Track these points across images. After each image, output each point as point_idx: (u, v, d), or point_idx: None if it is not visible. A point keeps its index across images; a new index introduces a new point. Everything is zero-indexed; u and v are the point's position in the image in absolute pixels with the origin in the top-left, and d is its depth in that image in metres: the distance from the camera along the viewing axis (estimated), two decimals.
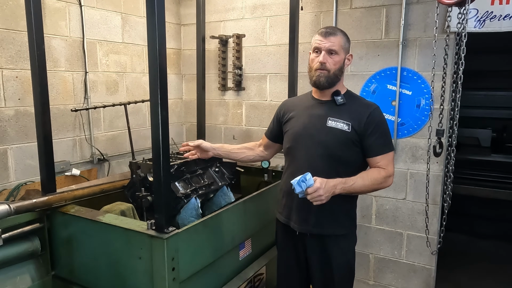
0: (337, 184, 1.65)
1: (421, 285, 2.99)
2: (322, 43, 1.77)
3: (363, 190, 1.77)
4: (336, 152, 1.78)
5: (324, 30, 1.80)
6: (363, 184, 1.73)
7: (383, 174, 1.76)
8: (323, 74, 1.78)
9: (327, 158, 1.78)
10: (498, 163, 4.64)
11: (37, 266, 1.94)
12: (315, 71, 1.80)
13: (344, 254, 1.87)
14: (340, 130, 1.77)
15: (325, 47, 1.77)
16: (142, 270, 1.68)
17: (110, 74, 3.16)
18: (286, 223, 1.94)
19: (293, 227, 1.89)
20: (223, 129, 3.74)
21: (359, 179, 1.72)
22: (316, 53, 1.81)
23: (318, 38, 1.80)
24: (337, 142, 1.77)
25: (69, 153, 2.88)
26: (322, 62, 1.77)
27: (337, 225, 1.84)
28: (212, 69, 3.67)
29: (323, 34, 1.78)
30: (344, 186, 1.67)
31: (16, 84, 2.52)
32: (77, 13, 2.85)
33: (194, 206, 2.16)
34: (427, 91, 2.77)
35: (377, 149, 1.78)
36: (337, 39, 1.78)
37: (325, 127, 1.79)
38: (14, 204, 1.76)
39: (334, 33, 1.79)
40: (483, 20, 2.54)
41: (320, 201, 1.59)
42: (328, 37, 1.77)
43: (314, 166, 1.77)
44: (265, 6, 3.36)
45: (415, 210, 2.93)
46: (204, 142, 2.05)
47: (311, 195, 1.56)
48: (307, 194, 1.57)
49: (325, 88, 1.82)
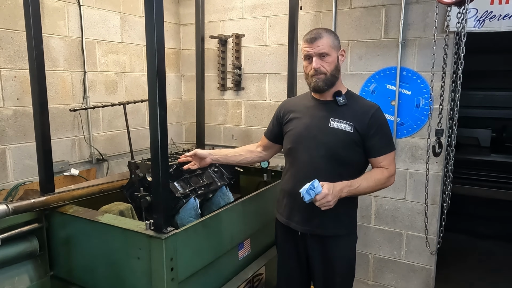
0: (343, 188, 1.65)
1: (420, 285, 2.98)
2: (311, 50, 1.76)
3: (367, 191, 1.77)
4: (339, 153, 1.77)
5: (308, 37, 1.77)
6: (368, 186, 1.73)
7: (386, 174, 1.77)
8: (320, 79, 1.77)
9: (330, 159, 1.77)
10: (497, 163, 4.65)
11: (35, 266, 1.94)
12: (311, 78, 1.79)
13: (346, 253, 1.88)
14: (342, 131, 1.76)
15: (314, 52, 1.75)
16: (141, 270, 1.68)
17: (109, 74, 3.15)
18: (286, 224, 1.93)
19: (294, 227, 1.88)
20: (222, 129, 3.74)
21: (363, 181, 1.72)
22: (307, 60, 1.80)
23: (305, 45, 1.78)
24: (340, 143, 1.76)
25: (67, 153, 2.88)
26: (316, 68, 1.76)
27: (339, 226, 1.84)
28: (211, 69, 3.66)
29: (309, 40, 1.76)
30: (350, 189, 1.67)
31: (15, 84, 2.52)
32: (76, 13, 2.85)
33: (193, 206, 2.16)
34: (426, 91, 2.77)
35: (380, 150, 1.78)
36: (324, 41, 1.74)
37: (328, 128, 1.78)
38: (12, 204, 1.75)
39: (319, 36, 1.74)
40: (483, 20, 2.54)
41: (328, 206, 1.59)
42: (315, 42, 1.74)
43: (317, 167, 1.77)
44: (265, 5, 3.36)
45: (414, 210, 2.92)
46: (199, 150, 1.99)
47: (320, 201, 1.57)
48: (316, 201, 1.57)
49: (325, 91, 1.82)
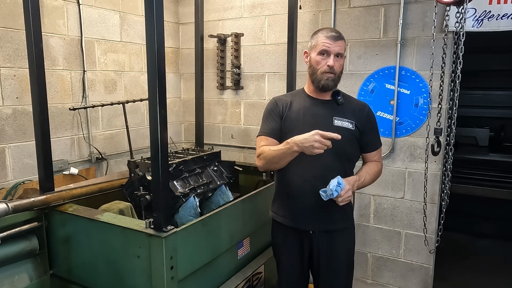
0: (355, 182, 1.78)
1: (419, 283, 2.99)
2: (332, 47, 1.78)
3: (368, 184, 1.91)
4: (345, 150, 1.85)
5: (332, 34, 1.80)
6: (370, 179, 1.89)
7: (380, 167, 1.96)
8: (331, 78, 1.81)
9: (337, 157, 1.83)
10: (495, 162, 4.66)
11: (35, 265, 1.94)
12: (322, 74, 1.81)
13: (350, 245, 2.00)
14: (346, 129, 1.84)
15: (334, 50, 1.79)
16: (141, 269, 1.68)
17: (108, 73, 3.15)
18: (293, 226, 1.92)
19: (304, 228, 1.90)
20: (221, 128, 3.74)
21: (367, 175, 1.87)
22: (322, 55, 1.80)
23: (326, 41, 1.79)
24: (345, 140, 1.79)
25: (67, 152, 2.88)
26: (331, 66, 1.78)
27: (345, 219, 1.95)
28: (211, 68, 3.66)
29: (332, 38, 1.79)
30: (359, 183, 1.81)
31: (14, 83, 2.51)
32: (75, 12, 2.84)
33: (192, 205, 2.16)
34: (425, 90, 2.78)
35: (375, 145, 1.96)
36: (343, 43, 1.83)
37: (333, 127, 1.83)
38: (12, 203, 1.76)
39: (340, 36, 1.82)
40: (481, 19, 2.55)
41: (348, 200, 1.71)
42: (337, 41, 1.79)
43: (325, 166, 1.82)
44: (264, 5, 3.36)
45: (413, 209, 2.93)
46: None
47: (343, 197, 1.66)
48: (340, 196, 1.65)
49: (331, 90, 1.87)
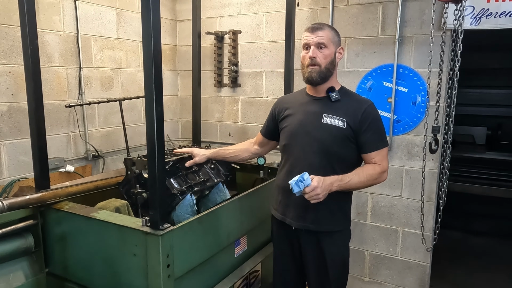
0: (334, 182, 1.66)
1: (416, 281, 3.00)
2: (310, 38, 1.79)
3: (358, 186, 1.77)
4: (332, 149, 1.79)
5: (311, 26, 1.82)
6: (359, 181, 1.73)
7: (378, 170, 1.77)
8: (314, 70, 1.79)
9: (324, 155, 1.79)
10: (492, 160, 4.68)
11: (30, 263, 1.93)
12: (306, 68, 1.81)
13: (339, 250, 1.89)
14: (335, 127, 1.78)
15: (313, 41, 1.78)
16: (137, 267, 1.67)
17: (104, 70, 3.13)
18: (281, 220, 1.94)
19: (289, 223, 1.89)
20: (218, 125, 3.73)
21: (355, 175, 1.73)
22: (306, 49, 1.82)
23: (306, 34, 1.81)
24: (333, 138, 1.78)
25: (63, 150, 2.86)
26: (312, 57, 1.77)
27: (333, 222, 1.85)
28: (208, 65, 3.65)
29: (311, 29, 1.80)
30: (341, 183, 1.68)
31: (9, 80, 2.49)
32: (71, 8, 2.82)
33: (189, 203, 2.15)
34: (423, 88, 2.77)
35: (372, 145, 1.79)
36: (325, 33, 1.79)
37: (321, 124, 1.80)
38: (7, 200, 1.74)
39: (321, 27, 1.80)
40: (479, 17, 2.55)
41: (318, 199, 1.60)
42: (316, 32, 1.78)
43: (311, 163, 1.78)
44: (261, 2, 3.34)
45: (410, 207, 2.94)
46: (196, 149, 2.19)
47: (309, 194, 1.58)
48: (305, 193, 1.59)
49: (318, 83, 1.83)
